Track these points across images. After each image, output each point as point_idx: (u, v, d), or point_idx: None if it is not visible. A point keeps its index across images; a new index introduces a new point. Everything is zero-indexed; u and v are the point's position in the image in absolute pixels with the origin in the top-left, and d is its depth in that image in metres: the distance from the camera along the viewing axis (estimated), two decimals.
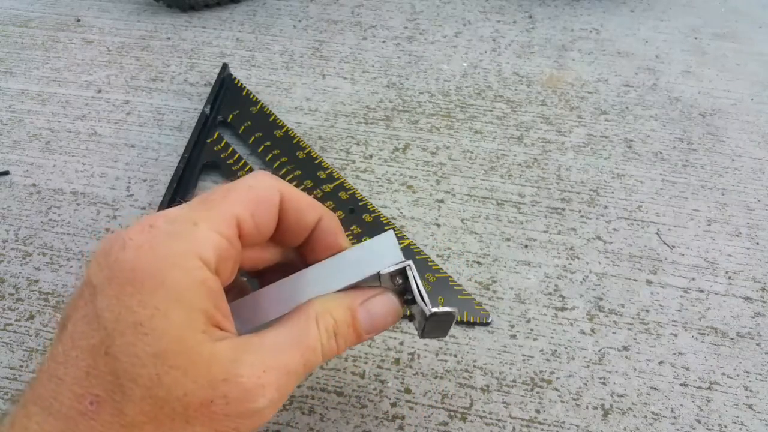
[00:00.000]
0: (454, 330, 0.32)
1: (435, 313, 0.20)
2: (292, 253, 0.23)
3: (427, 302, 0.21)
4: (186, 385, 0.16)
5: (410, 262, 0.21)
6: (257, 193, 0.20)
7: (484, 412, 0.29)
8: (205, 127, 0.42)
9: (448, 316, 0.21)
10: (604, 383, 0.30)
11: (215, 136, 0.41)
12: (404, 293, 0.22)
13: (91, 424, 0.16)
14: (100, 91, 0.47)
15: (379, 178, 0.40)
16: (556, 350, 0.31)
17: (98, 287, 0.17)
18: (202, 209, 0.18)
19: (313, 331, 0.19)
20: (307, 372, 0.20)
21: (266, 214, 0.20)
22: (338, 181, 0.39)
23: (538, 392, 0.30)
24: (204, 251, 0.17)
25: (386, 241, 0.21)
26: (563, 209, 0.38)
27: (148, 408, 0.16)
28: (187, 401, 0.17)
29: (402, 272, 0.21)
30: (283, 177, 0.39)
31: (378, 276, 0.21)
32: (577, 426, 0.29)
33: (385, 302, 0.21)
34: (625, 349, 0.32)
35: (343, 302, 0.21)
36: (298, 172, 0.39)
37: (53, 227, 0.37)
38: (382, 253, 0.21)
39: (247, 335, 0.19)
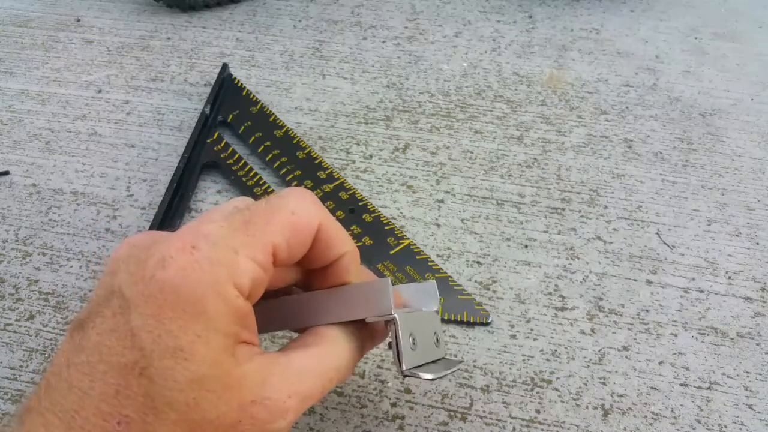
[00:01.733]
0: (455, 330, 0.32)
1: (404, 374, 0.21)
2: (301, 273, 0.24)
3: (402, 362, 0.21)
4: (219, 407, 0.17)
5: (396, 316, 0.20)
6: (298, 221, 0.19)
7: (484, 412, 0.29)
8: (205, 127, 0.42)
9: (419, 377, 0.21)
10: (604, 383, 0.30)
11: (215, 136, 0.41)
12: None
13: None
14: (100, 91, 0.47)
15: (379, 178, 0.40)
16: (556, 350, 0.31)
17: (132, 302, 0.16)
18: (244, 234, 0.18)
19: (335, 362, 0.20)
20: (322, 397, 0.20)
21: (301, 242, 0.19)
22: (338, 181, 0.39)
23: (538, 392, 0.30)
24: (243, 281, 0.17)
25: (380, 289, 0.21)
26: (563, 209, 0.38)
27: (180, 431, 0.16)
28: (218, 423, 0.17)
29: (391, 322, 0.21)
30: (283, 177, 0.39)
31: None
32: (577, 426, 0.29)
33: (377, 342, 0.23)
34: (625, 349, 0.32)
35: (359, 336, 0.21)
36: (298, 172, 0.39)
37: (53, 227, 0.37)
38: (371, 300, 0.21)
39: (272, 354, 0.19)
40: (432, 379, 0.21)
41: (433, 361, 0.23)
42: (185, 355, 0.16)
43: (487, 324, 0.32)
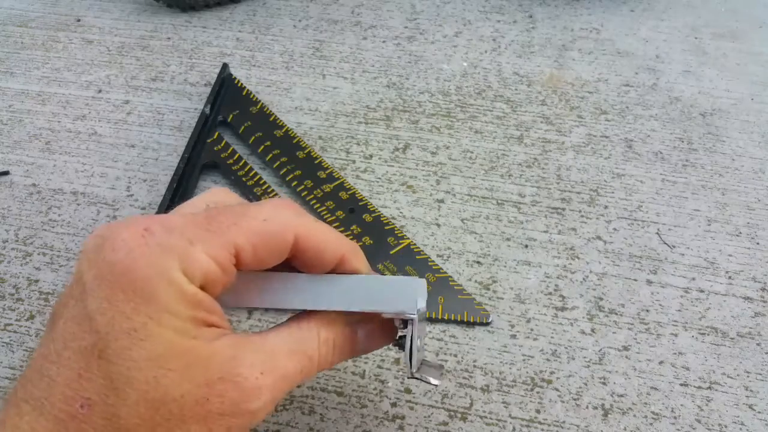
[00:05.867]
0: (454, 330, 0.32)
1: (414, 377, 0.21)
2: None
3: (413, 365, 0.21)
4: (183, 385, 0.17)
5: (416, 317, 0.20)
6: (268, 229, 0.19)
7: (484, 412, 0.29)
8: (205, 127, 0.42)
9: (429, 382, 0.21)
10: (604, 383, 0.30)
11: (215, 136, 0.41)
12: (400, 336, 0.22)
13: (82, 427, 0.16)
14: (100, 91, 0.47)
15: (379, 178, 0.40)
16: (556, 350, 0.31)
17: (88, 286, 0.17)
18: (204, 229, 0.18)
19: (314, 341, 0.20)
20: (302, 380, 0.20)
21: (273, 249, 0.19)
22: (338, 181, 0.39)
23: (538, 392, 0.30)
24: (193, 271, 0.17)
25: (410, 287, 0.20)
26: (563, 209, 0.38)
27: (143, 411, 0.16)
28: (183, 402, 0.17)
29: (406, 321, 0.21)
30: (283, 177, 0.39)
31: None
32: (577, 426, 0.29)
33: (382, 327, 0.22)
34: (625, 349, 0.32)
35: (343, 318, 0.21)
36: (298, 172, 0.39)
37: (53, 227, 0.37)
38: (398, 296, 0.20)
39: (247, 333, 0.19)
40: (437, 385, 0.22)
41: (426, 360, 0.23)
42: (139, 335, 0.16)
43: (487, 324, 0.32)
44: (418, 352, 0.21)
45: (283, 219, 0.19)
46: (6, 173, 0.40)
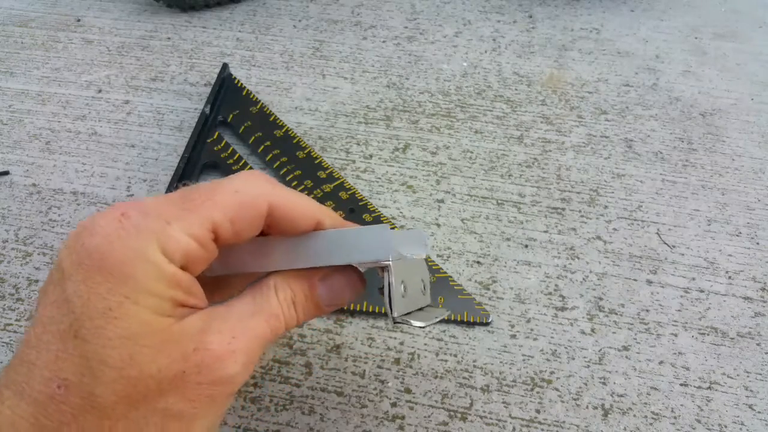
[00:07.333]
0: (454, 330, 0.32)
1: (395, 321, 0.21)
2: None
3: (393, 309, 0.20)
4: (159, 361, 0.17)
5: (390, 263, 0.20)
6: (241, 199, 0.19)
7: (484, 412, 0.29)
8: (205, 127, 0.42)
9: (410, 323, 0.21)
10: (604, 383, 0.30)
11: (215, 136, 0.41)
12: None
13: (60, 408, 0.16)
14: (100, 91, 0.47)
15: (379, 178, 0.40)
16: (556, 350, 0.31)
17: (66, 272, 0.17)
18: (179, 208, 0.18)
19: (274, 301, 0.20)
20: (274, 338, 0.20)
21: (248, 221, 0.19)
22: (338, 181, 0.39)
23: (538, 392, 0.30)
24: (173, 250, 0.17)
25: (383, 234, 0.20)
26: (563, 209, 0.38)
27: (120, 388, 0.16)
28: (160, 377, 0.17)
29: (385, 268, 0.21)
30: (283, 177, 0.39)
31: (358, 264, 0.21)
32: (577, 426, 0.29)
33: (346, 279, 0.22)
34: (625, 349, 0.32)
35: (303, 275, 0.21)
36: (298, 172, 0.39)
37: (53, 227, 0.37)
38: (370, 245, 0.20)
39: (213, 306, 0.19)
40: (423, 326, 0.21)
41: (421, 309, 0.23)
42: (114, 314, 0.16)
43: (487, 324, 0.32)
44: (403, 297, 0.21)
45: (255, 189, 0.19)
46: (6, 173, 0.40)
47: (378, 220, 0.37)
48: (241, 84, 0.45)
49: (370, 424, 0.29)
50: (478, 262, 0.35)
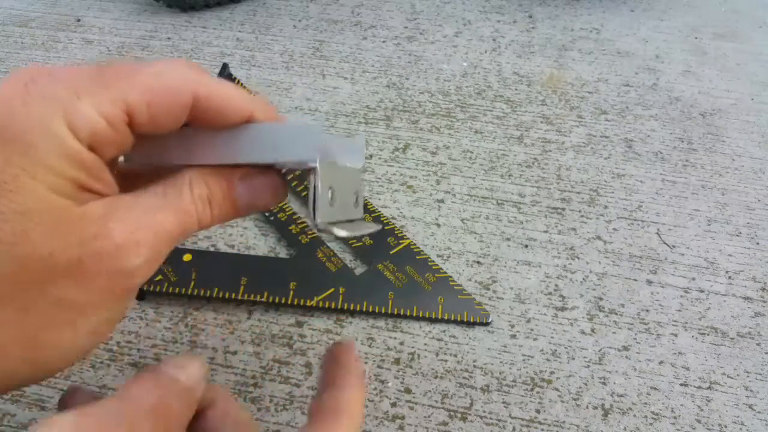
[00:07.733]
0: (454, 330, 0.32)
1: (318, 228, 0.19)
2: None
3: (316, 215, 0.19)
4: (53, 243, 0.16)
5: (317, 165, 0.18)
6: (163, 83, 0.17)
7: (484, 412, 0.29)
8: None
9: (333, 233, 0.20)
10: (604, 383, 0.30)
11: None
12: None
13: None
14: None
15: (379, 178, 0.40)
16: (556, 350, 0.31)
17: None
18: (93, 83, 0.17)
19: (186, 196, 0.19)
20: (183, 235, 0.19)
21: (167, 107, 0.18)
22: None
23: (538, 392, 0.30)
24: (80, 126, 0.16)
25: (311, 133, 0.18)
26: (563, 209, 0.38)
27: (9, 266, 0.15)
28: (53, 261, 0.16)
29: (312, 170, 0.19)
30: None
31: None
32: (577, 426, 0.29)
33: (269, 181, 0.21)
34: (625, 349, 0.32)
35: (221, 172, 0.20)
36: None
37: None
38: (298, 144, 0.18)
39: (119, 195, 0.18)
40: (346, 237, 0.19)
41: (350, 221, 0.22)
42: (9, 187, 0.15)
43: (487, 324, 0.32)
44: (331, 206, 0.20)
45: (179, 75, 0.18)
46: None
47: (378, 220, 0.37)
48: (242, 84, 0.45)
49: (370, 424, 0.29)
50: (478, 262, 0.35)
